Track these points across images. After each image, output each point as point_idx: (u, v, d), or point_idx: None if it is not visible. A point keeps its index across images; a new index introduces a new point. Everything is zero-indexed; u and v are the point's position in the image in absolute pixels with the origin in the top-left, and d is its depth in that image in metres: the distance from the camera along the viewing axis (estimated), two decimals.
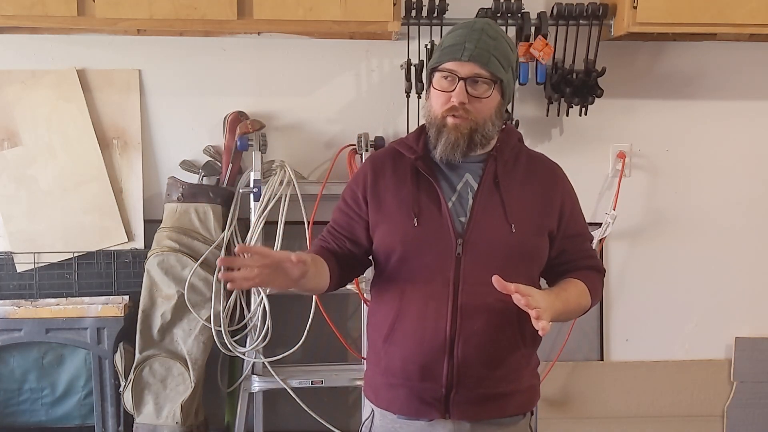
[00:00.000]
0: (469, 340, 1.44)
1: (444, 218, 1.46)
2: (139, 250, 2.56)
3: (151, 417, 2.42)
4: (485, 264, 1.43)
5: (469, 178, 1.50)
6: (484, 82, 1.42)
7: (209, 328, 2.42)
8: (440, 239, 1.45)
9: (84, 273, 2.55)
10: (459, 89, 1.41)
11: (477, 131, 1.44)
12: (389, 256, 1.50)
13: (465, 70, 1.41)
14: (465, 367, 1.44)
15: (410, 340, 1.46)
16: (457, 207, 1.48)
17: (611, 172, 2.66)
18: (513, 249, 1.46)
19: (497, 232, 1.45)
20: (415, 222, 1.46)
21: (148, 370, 2.42)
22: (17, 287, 2.54)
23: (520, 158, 1.55)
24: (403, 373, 1.48)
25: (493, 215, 1.46)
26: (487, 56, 1.41)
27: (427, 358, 1.45)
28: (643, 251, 2.72)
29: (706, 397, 2.75)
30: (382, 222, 1.51)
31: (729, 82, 2.63)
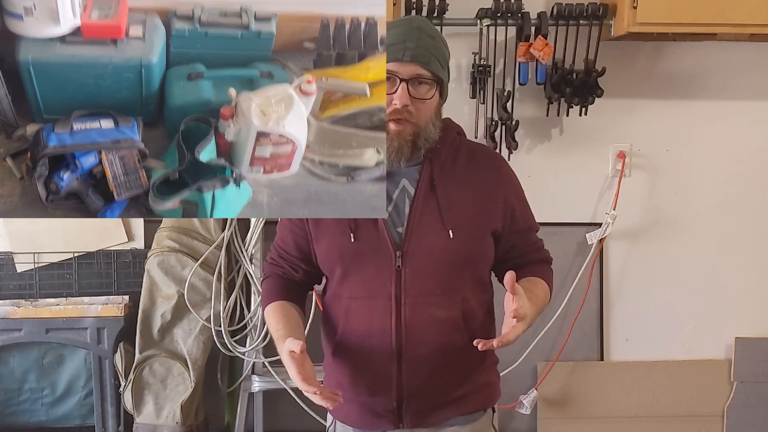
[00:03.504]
0: (416, 352, 1.40)
1: (380, 231, 1.39)
2: (139, 250, 2.56)
3: (151, 417, 2.42)
4: (426, 274, 1.38)
5: (406, 184, 1.42)
6: (426, 83, 1.35)
7: (209, 328, 2.42)
8: (378, 253, 1.39)
9: (84, 273, 2.55)
10: (401, 91, 1.33)
11: (420, 135, 1.37)
12: (331, 273, 1.46)
13: (407, 70, 1.33)
14: (414, 379, 1.41)
15: (356, 357, 1.43)
16: (393, 217, 1.40)
17: (611, 172, 2.66)
18: (453, 255, 1.39)
19: (435, 239, 1.38)
20: (352, 237, 1.39)
21: (148, 370, 2.42)
22: (17, 287, 2.54)
23: (460, 155, 1.46)
24: (353, 389, 1.45)
25: (430, 222, 1.39)
26: (428, 56, 1.35)
27: (375, 374, 1.42)
28: (643, 251, 2.72)
29: (706, 397, 2.75)
30: (321, 238, 1.45)
31: (729, 82, 2.63)
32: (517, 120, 2.48)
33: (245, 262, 2.46)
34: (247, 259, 2.46)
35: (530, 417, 2.72)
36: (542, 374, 2.71)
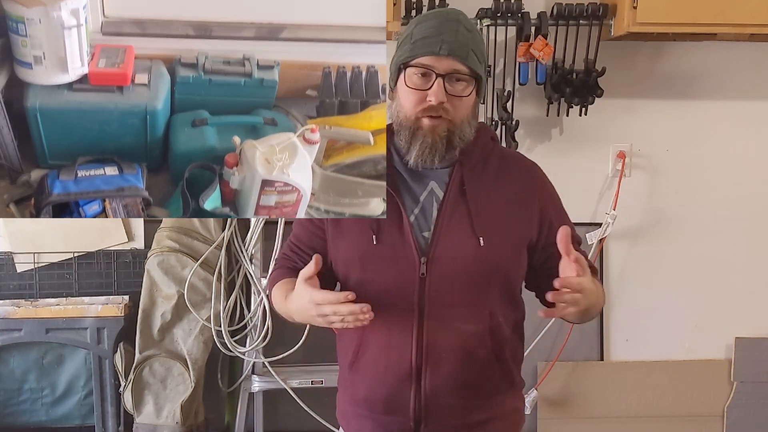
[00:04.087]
0: (438, 368, 1.31)
1: (405, 234, 1.30)
2: (139, 250, 2.56)
3: (151, 417, 2.42)
4: (452, 284, 1.30)
5: (435, 187, 1.34)
6: (463, 79, 1.27)
7: (209, 328, 2.42)
8: (402, 258, 1.30)
9: (84, 273, 2.55)
10: (437, 87, 1.25)
11: (455, 133, 1.29)
12: (348, 277, 1.37)
13: (443, 65, 1.25)
14: (434, 397, 1.32)
15: (373, 370, 1.34)
16: (420, 221, 1.32)
17: (611, 172, 2.66)
18: (482, 265, 1.30)
19: (464, 247, 1.30)
20: (374, 239, 1.30)
21: (148, 370, 2.42)
22: (17, 287, 2.54)
23: (491, 160, 1.38)
24: (368, 405, 1.37)
25: (460, 228, 1.31)
26: (466, 50, 1.26)
27: (392, 390, 1.33)
28: (643, 251, 2.72)
29: (706, 397, 2.75)
30: (339, 238, 1.37)
31: (729, 82, 2.63)
32: (517, 120, 2.48)
33: (245, 262, 2.46)
34: (247, 259, 2.46)
35: (530, 417, 2.72)
36: (542, 374, 2.71)
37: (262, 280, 2.43)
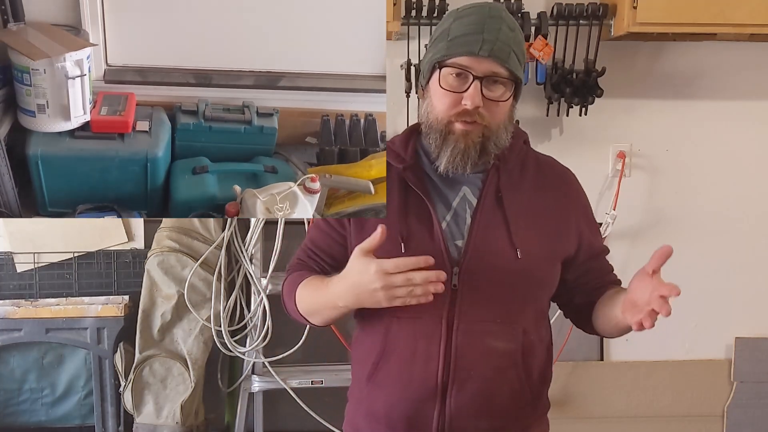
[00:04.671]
0: (465, 386, 1.22)
1: (436, 242, 1.22)
2: (139, 250, 2.56)
3: (151, 417, 2.42)
4: (486, 297, 1.22)
5: (467, 193, 1.26)
6: (501, 83, 1.18)
7: (209, 328, 2.42)
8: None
9: (84, 273, 2.55)
10: (474, 90, 1.16)
11: (490, 139, 1.21)
12: None
13: (482, 67, 1.16)
14: (459, 418, 1.23)
15: (396, 384, 1.25)
16: (452, 228, 1.24)
17: (611, 172, 2.66)
18: (519, 278, 1.23)
19: (500, 258, 1.22)
20: (402, 248, 1.21)
21: (148, 370, 2.42)
22: (17, 287, 2.54)
23: (528, 165, 1.31)
24: (387, 421, 1.28)
25: (496, 237, 1.23)
26: (508, 51, 1.17)
27: (415, 406, 1.24)
28: (644, 251, 2.69)
29: (706, 397, 2.75)
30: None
31: (729, 82, 2.63)
32: (517, 120, 2.46)
33: (245, 262, 2.46)
34: (247, 259, 2.46)
35: None
36: None
37: (262, 280, 2.43)
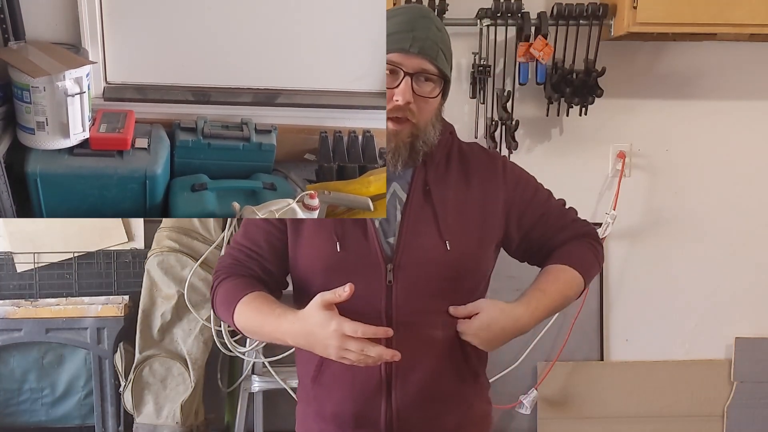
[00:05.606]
0: (408, 378, 1.25)
1: (370, 241, 1.24)
2: (139, 250, 2.56)
3: (151, 417, 2.42)
4: (420, 290, 1.24)
5: (397, 189, 1.28)
6: (431, 80, 1.21)
7: (209, 328, 2.42)
8: (367, 265, 1.23)
9: (84, 273, 2.55)
10: (405, 86, 1.18)
11: (418, 137, 1.23)
12: (309, 284, 1.29)
13: (412, 64, 1.18)
14: (405, 408, 1.26)
15: (341, 383, 1.27)
16: (384, 226, 1.26)
17: (611, 172, 2.66)
18: (450, 269, 1.25)
19: (431, 252, 1.24)
20: (338, 247, 1.24)
21: (148, 370, 2.42)
22: (17, 287, 2.54)
23: (453, 157, 1.33)
24: (336, 420, 1.29)
25: (425, 232, 1.25)
26: (437, 49, 1.20)
27: (362, 403, 1.26)
28: (643, 251, 2.72)
29: (706, 397, 2.75)
30: (300, 245, 1.29)
31: (729, 82, 2.63)
32: (517, 120, 2.48)
33: None
34: None
35: (530, 417, 2.72)
36: (542, 374, 2.71)
37: None
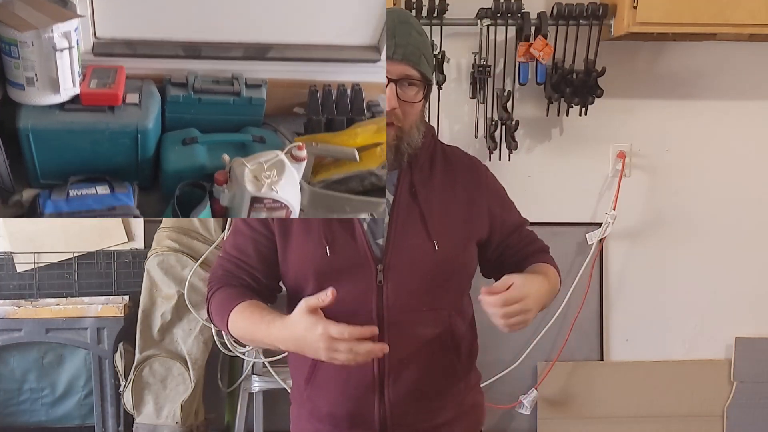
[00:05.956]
0: (401, 376, 1.29)
1: (359, 243, 1.28)
2: (139, 250, 2.56)
3: (151, 417, 2.42)
4: (410, 290, 1.28)
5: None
6: (414, 85, 1.24)
7: (209, 328, 2.42)
8: (358, 267, 1.27)
9: (84, 273, 2.55)
10: (390, 92, 1.22)
11: (403, 140, 1.26)
12: (301, 289, 1.31)
13: (396, 70, 1.22)
14: (399, 405, 1.30)
15: (334, 383, 1.30)
16: (372, 227, 1.30)
17: (611, 172, 2.66)
18: (438, 267, 1.29)
19: (419, 251, 1.28)
20: (327, 251, 1.27)
21: (148, 370, 2.42)
22: (17, 287, 2.54)
23: (436, 159, 1.37)
24: (330, 420, 1.33)
25: (414, 233, 1.29)
26: (419, 55, 1.24)
27: (356, 402, 1.30)
28: (643, 251, 2.72)
29: (706, 397, 2.75)
30: (290, 250, 1.32)
31: (729, 82, 2.63)
32: (517, 120, 2.48)
33: None
34: None
35: (530, 417, 2.72)
36: (542, 374, 2.71)
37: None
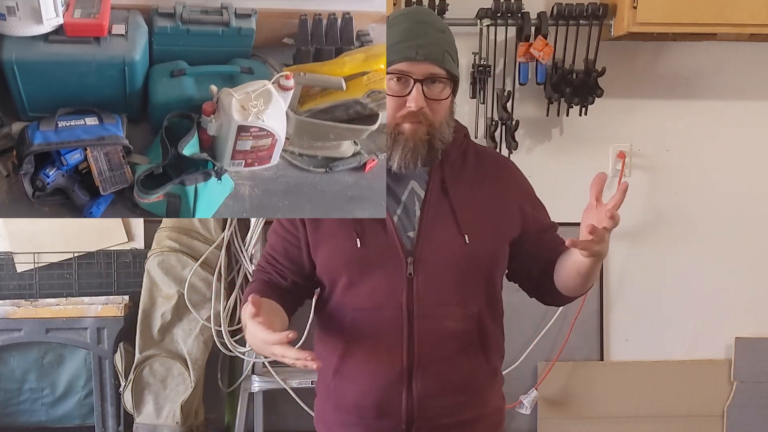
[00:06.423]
0: (429, 369, 1.30)
1: (390, 235, 1.30)
2: (139, 250, 2.56)
3: (151, 417, 2.42)
4: (440, 283, 1.30)
5: (415, 186, 1.34)
6: (440, 82, 1.27)
7: (209, 328, 2.42)
8: (388, 259, 1.29)
9: (84, 273, 2.55)
10: (416, 92, 1.25)
11: (435, 136, 1.29)
12: (334, 282, 1.34)
13: (420, 70, 1.25)
14: (426, 398, 1.31)
15: (363, 374, 1.33)
16: (403, 221, 1.32)
17: (611, 172, 2.66)
18: (469, 262, 1.31)
19: (450, 245, 1.30)
20: (358, 243, 1.29)
21: (148, 370, 2.42)
22: (17, 287, 2.54)
23: (468, 157, 1.39)
24: (357, 411, 1.35)
25: (444, 226, 1.31)
26: (442, 52, 1.26)
27: (383, 394, 1.32)
28: (643, 251, 2.72)
29: (706, 397, 2.75)
30: (321, 244, 1.34)
31: (729, 82, 2.63)
32: (517, 120, 2.48)
33: (245, 262, 2.46)
34: (247, 259, 2.46)
35: (530, 417, 2.72)
36: (542, 374, 2.71)
37: None
